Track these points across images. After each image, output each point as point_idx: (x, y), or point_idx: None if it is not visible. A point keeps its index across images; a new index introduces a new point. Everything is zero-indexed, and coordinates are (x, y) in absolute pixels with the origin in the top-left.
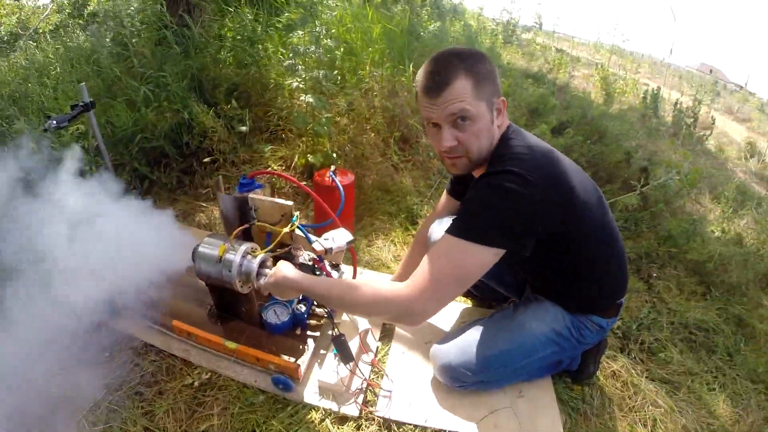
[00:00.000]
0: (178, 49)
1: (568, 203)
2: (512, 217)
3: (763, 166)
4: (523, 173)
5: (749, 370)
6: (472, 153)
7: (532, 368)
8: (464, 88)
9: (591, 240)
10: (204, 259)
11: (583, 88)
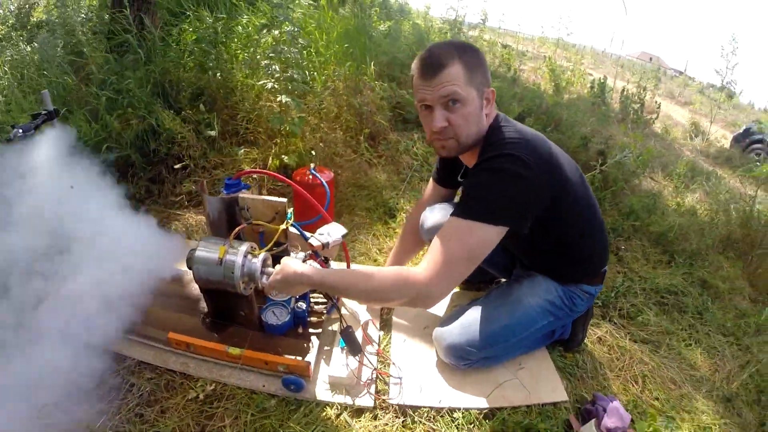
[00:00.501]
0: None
1: (560, 182)
2: (515, 197)
3: (707, 144)
4: (522, 156)
5: (719, 325)
6: (461, 135)
7: (530, 340)
8: (457, 73)
9: (578, 214)
10: (203, 263)
11: (533, 80)
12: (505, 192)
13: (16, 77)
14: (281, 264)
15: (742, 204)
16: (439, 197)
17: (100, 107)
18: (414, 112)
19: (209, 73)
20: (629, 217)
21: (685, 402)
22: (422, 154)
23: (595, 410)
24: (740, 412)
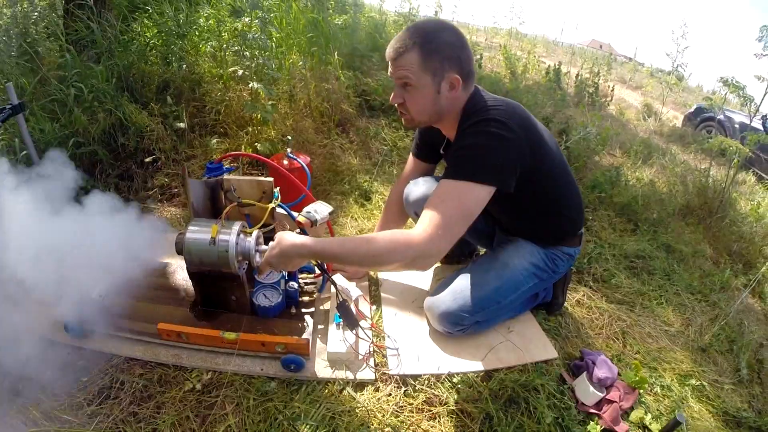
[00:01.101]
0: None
1: (538, 144)
2: (500, 156)
3: (660, 124)
4: (504, 120)
5: (686, 284)
6: (414, 113)
7: (517, 303)
8: (411, 60)
9: (555, 177)
10: (195, 244)
11: (490, 69)
12: (491, 152)
13: None
14: (277, 238)
15: (697, 175)
16: (419, 172)
17: (69, 101)
18: (380, 100)
19: (173, 65)
20: (594, 190)
21: (664, 354)
22: (391, 140)
23: (585, 364)
24: (716, 360)
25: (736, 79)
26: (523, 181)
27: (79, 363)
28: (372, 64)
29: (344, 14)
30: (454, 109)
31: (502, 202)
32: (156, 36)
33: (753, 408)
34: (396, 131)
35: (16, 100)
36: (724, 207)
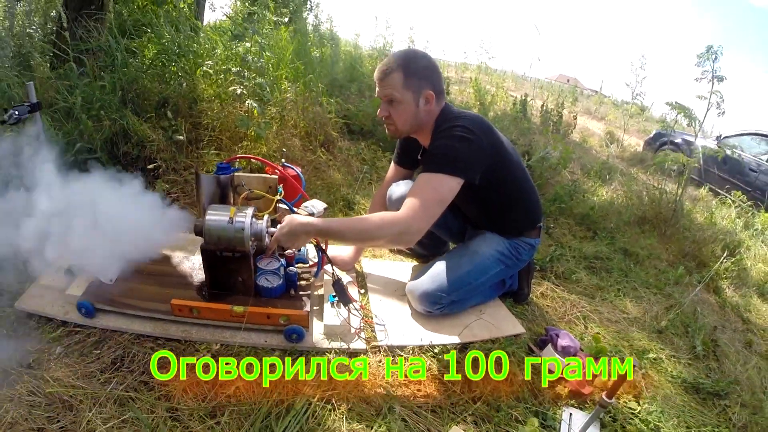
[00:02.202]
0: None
1: (498, 147)
2: (466, 153)
3: (622, 150)
4: (469, 126)
5: (642, 281)
6: (398, 125)
7: (486, 286)
8: (396, 80)
9: (514, 176)
10: (214, 224)
11: (460, 101)
12: (458, 151)
13: None
14: (286, 219)
15: (651, 189)
16: (399, 177)
17: (75, 109)
18: (359, 124)
19: (172, 83)
20: (555, 202)
21: (622, 334)
22: (370, 159)
23: (549, 337)
24: (672, 341)
25: (678, 102)
26: (486, 178)
27: (91, 339)
28: (350, 93)
29: (322, 47)
30: (429, 121)
31: (471, 199)
32: (156, 56)
33: (710, 378)
34: (374, 152)
35: (34, 99)
36: (677, 215)
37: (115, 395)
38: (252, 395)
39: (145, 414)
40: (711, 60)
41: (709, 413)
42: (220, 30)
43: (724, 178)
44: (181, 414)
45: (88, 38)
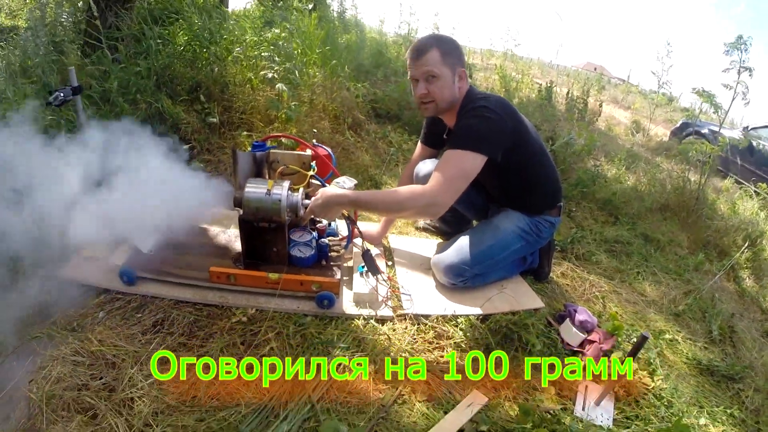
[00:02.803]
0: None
1: (520, 126)
2: (489, 132)
3: (647, 140)
4: (491, 106)
5: (661, 267)
6: (437, 101)
7: (507, 262)
8: (434, 56)
9: (534, 156)
10: (253, 195)
11: (485, 87)
12: (482, 129)
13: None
14: (320, 191)
15: (675, 177)
16: (426, 156)
17: (111, 93)
18: (386, 108)
19: (205, 68)
20: (577, 186)
21: (640, 315)
22: (396, 142)
23: (568, 313)
24: (689, 324)
25: (704, 89)
26: (508, 157)
27: (132, 305)
28: (377, 79)
29: (347, 34)
30: (459, 99)
31: (493, 176)
32: (187, 42)
33: (725, 362)
34: (401, 135)
35: (75, 83)
36: (699, 204)
37: (155, 353)
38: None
39: (184, 371)
40: (740, 50)
41: (723, 395)
42: (247, 17)
43: (751, 169)
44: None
45: (119, 26)
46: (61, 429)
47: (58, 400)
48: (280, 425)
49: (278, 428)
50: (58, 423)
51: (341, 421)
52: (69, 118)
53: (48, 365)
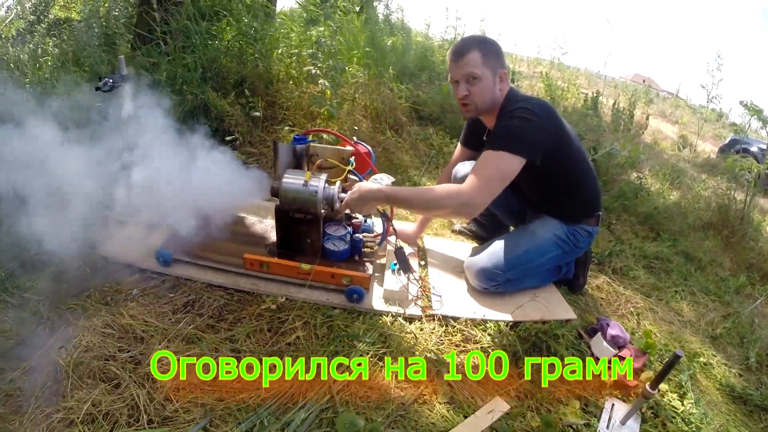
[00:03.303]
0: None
1: (561, 131)
2: (529, 134)
3: (694, 155)
4: (532, 108)
5: (702, 287)
6: (478, 102)
7: (543, 269)
8: (475, 58)
9: (574, 162)
10: (290, 186)
11: (530, 94)
12: (521, 130)
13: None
14: (356, 186)
15: (720, 194)
16: (466, 157)
17: (160, 82)
18: (429, 111)
19: (250, 64)
20: (619, 198)
21: (675, 335)
22: (438, 145)
23: (600, 326)
24: (725, 349)
25: (752, 102)
26: (548, 161)
27: (166, 285)
28: (421, 81)
29: (393, 36)
30: (499, 101)
31: (532, 181)
32: (234, 38)
33: (760, 392)
34: (442, 138)
35: (125, 71)
36: (744, 224)
37: (184, 333)
38: (311, 346)
39: (210, 351)
40: None
41: (754, 426)
42: (293, 17)
43: None
44: (244, 356)
45: (168, 21)
46: (84, 395)
47: (84, 368)
48: (298, 413)
49: (296, 415)
50: (83, 389)
51: (359, 414)
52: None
53: (79, 335)
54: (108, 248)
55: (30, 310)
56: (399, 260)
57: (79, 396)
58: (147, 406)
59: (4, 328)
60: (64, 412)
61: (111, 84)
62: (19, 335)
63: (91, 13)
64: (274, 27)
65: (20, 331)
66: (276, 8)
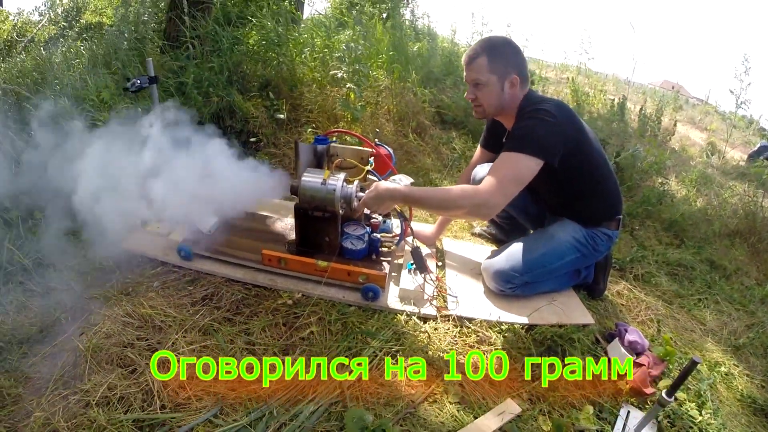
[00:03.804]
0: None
1: (579, 133)
2: (547, 136)
3: (723, 162)
4: (550, 109)
5: (726, 295)
6: (485, 106)
7: (560, 273)
8: (481, 64)
9: (594, 164)
10: (309, 185)
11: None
12: (539, 132)
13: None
14: (374, 185)
15: (747, 201)
16: (485, 160)
17: (188, 82)
18: (452, 115)
19: (274, 68)
20: (642, 204)
21: (696, 344)
22: (460, 149)
23: (618, 332)
24: (748, 360)
25: None
26: (566, 163)
27: (186, 278)
28: (445, 86)
29: (419, 42)
30: (513, 105)
31: (550, 183)
32: (258, 43)
33: None
34: (465, 142)
35: (152, 73)
36: None
37: (200, 324)
38: (325, 341)
39: (225, 343)
40: None
41: None
42: (318, 23)
43: None
44: (258, 348)
45: (195, 26)
46: (101, 378)
47: (103, 353)
48: (308, 405)
49: (305, 407)
50: (100, 373)
51: (368, 410)
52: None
53: (99, 322)
54: (132, 242)
55: (54, 300)
56: (415, 260)
57: (96, 380)
58: (161, 392)
59: (29, 315)
60: (81, 394)
61: (138, 85)
62: (42, 322)
63: (122, 18)
64: (298, 32)
65: (44, 319)
66: (303, 15)
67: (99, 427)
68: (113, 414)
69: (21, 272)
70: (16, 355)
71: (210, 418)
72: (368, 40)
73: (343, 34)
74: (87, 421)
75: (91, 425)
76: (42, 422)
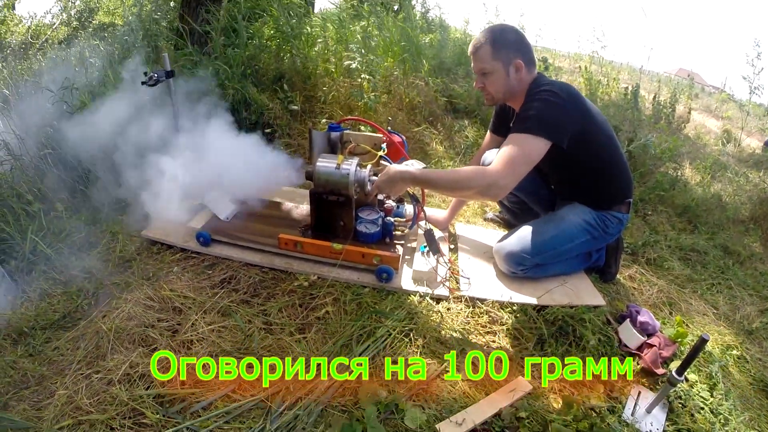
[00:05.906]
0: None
1: (587, 115)
2: (553, 116)
3: (739, 150)
4: (556, 91)
5: (739, 281)
6: (493, 93)
7: (571, 255)
8: (486, 52)
9: (603, 147)
10: (324, 169)
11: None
12: (545, 113)
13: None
14: (386, 168)
15: (762, 188)
16: (495, 145)
17: (209, 73)
18: (464, 104)
19: (288, 61)
20: (655, 189)
21: (709, 327)
22: (473, 137)
23: (629, 313)
24: (761, 344)
25: None
26: (575, 145)
27: (205, 263)
28: (457, 76)
29: (431, 33)
30: (521, 88)
31: (560, 165)
32: (272, 36)
33: None
34: (477, 130)
35: (169, 67)
36: None
37: (219, 306)
38: (340, 320)
39: (244, 323)
40: None
41: None
42: (330, 15)
43: None
44: (275, 327)
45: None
46: (122, 357)
47: (125, 334)
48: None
49: (320, 383)
50: (122, 352)
51: (382, 386)
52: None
53: (121, 305)
54: (153, 229)
55: (76, 286)
56: (428, 242)
57: (118, 359)
58: (182, 369)
59: (52, 302)
60: (104, 372)
61: (156, 79)
62: (65, 309)
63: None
64: (310, 25)
65: (67, 306)
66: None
67: (121, 403)
68: (135, 390)
69: (44, 261)
70: (40, 340)
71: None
72: (382, 31)
73: (357, 25)
74: (109, 398)
75: (113, 401)
76: (65, 400)
